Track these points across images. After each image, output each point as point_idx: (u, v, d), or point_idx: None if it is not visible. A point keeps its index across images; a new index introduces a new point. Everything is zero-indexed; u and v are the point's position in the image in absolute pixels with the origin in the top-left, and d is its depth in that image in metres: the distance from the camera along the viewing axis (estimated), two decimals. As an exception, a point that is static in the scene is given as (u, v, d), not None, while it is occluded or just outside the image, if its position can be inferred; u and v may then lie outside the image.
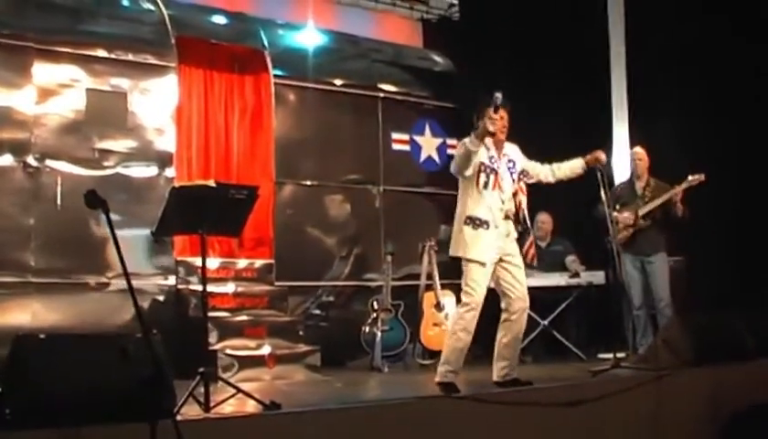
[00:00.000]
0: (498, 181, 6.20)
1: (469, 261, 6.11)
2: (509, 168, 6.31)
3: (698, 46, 9.09)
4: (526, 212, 6.51)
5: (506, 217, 6.22)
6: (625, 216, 8.24)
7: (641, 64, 9.55)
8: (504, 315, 6.24)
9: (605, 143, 9.35)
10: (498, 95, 6.05)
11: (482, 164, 6.15)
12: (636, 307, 8.21)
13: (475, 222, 6.13)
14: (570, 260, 9.26)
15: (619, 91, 9.73)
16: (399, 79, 10.23)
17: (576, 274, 9.01)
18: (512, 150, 6.42)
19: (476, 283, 6.07)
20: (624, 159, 9.44)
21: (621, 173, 9.03)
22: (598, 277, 8.83)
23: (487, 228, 6.11)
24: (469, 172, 6.12)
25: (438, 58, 10.82)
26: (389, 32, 10.92)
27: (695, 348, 6.70)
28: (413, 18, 11.27)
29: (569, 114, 10.12)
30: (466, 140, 6.03)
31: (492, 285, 6.25)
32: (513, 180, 6.33)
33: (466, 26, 10.77)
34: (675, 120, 9.19)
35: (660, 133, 9.07)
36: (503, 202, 6.19)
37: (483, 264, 6.08)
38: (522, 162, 6.47)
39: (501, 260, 6.17)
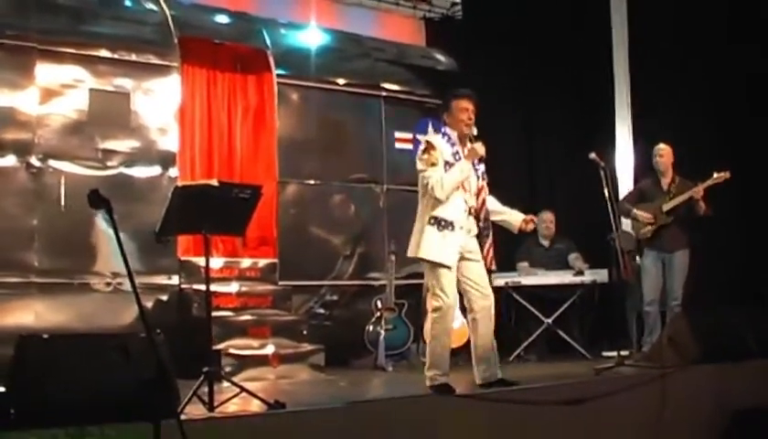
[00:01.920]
0: (463, 180, 6.08)
1: (435, 264, 6.00)
2: (474, 165, 6.15)
3: (701, 43, 9.09)
4: (495, 206, 6.33)
5: (469, 213, 6.10)
6: (646, 213, 8.22)
7: (643, 62, 9.55)
8: (470, 316, 6.14)
9: (608, 140, 9.37)
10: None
11: (446, 162, 6.03)
12: (647, 303, 8.17)
13: (441, 223, 6.01)
14: (574, 257, 9.25)
15: (621, 90, 9.73)
16: (401, 78, 10.22)
17: (580, 272, 9.01)
18: (478, 147, 6.16)
19: (446, 286, 5.97)
20: (626, 157, 9.45)
21: (623, 171, 9.03)
22: (602, 275, 8.82)
23: (452, 229, 6.00)
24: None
25: (441, 57, 10.80)
26: (391, 31, 10.91)
27: (700, 347, 6.69)
28: (416, 17, 11.26)
29: (571, 112, 10.14)
30: (462, 165, 5.97)
31: None
32: (477, 177, 6.17)
33: (469, 25, 10.77)
34: (677, 118, 9.19)
35: (662, 131, 9.06)
36: (466, 201, 6.08)
37: (449, 268, 5.99)
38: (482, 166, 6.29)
39: (462, 257, 6.06)
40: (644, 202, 8.28)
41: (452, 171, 5.99)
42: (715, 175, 7.98)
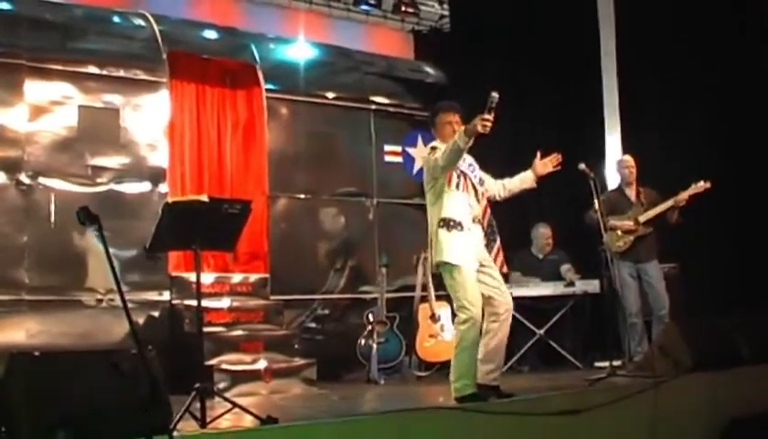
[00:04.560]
0: (467, 183, 6.13)
1: (451, 265, 5.97)
2: (472, 172, 6.23)
3: (691, 53, 9.12)
4: (504, 183, 6.35)
5: (474, 220, 6.11)
6: (625, 223, 8.24)
7: (633, 73, 9.56)
8: (491, 318, 6.06)
9: (597, 152, 9.39)
10: (495, 95, 5.94)
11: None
12: (633, 315, 8.19)
13: (449, 224, 6.02)
14: (566, 269, 9.25)
15: (610, 100, 9.75)
16: (390, 91, 10.25)
17: (571, 283, 9.01)
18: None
19: (470, 295, 5.92)
20: (615, 168, 9.46)
21: (613, 181, 9.03)
22: (593, 286, 8.83)
23: (461, 229, 6.01)
24: (441, 175, 6.06)
25: (429, 70, 10.83)
26: (380, 44, 10.93)
27: (691, 355, 6.70)
28: (404, 30, 11.29)
29: (560, 124, 10.13)
30: (455, 137, 5.89)
31: None
32: (476, 185, 6.22)
33: (457, 38, 10.79)
34: (666, 129, 9.21)
35: (652, 141, 9.09)
36: (471, 206, 6.10)
37: (467, 268, 5.96)
38: (478, 170, 6.34)
39: (481, 265, 6.07)
40: (614, 214, 8.27)
41: (450, 142, 5.95)
42: (694, 185, 8.00)
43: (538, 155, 6.40)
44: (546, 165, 6.44)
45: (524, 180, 6.47)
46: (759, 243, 8.73)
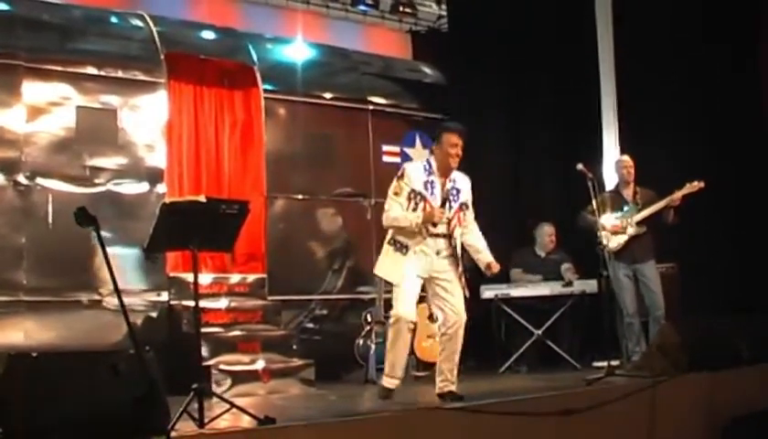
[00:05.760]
0: (426, 205, 6.26)
1: (390, 282, 6.37)
2: (452, 195, 6.33)
3: (688, 54, 9.12)
4: (458, 242, 6.41)
5: (435, 235, 6.26)
6: (615, 223, 8.24)
7: (630, 73, 9.57)
8: (441, 330, 6.34)
9: (595, 152, 9.39)
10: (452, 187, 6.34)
11: (412, 191, 6.28)
12: (630, 315, 8.19)
13: (396, 245, 6.32)
14: (565, 268, 9.25)
15: (608, 101, 9.74)
16: (388, 91, 10.25)
17: (569, 283, 9.01)
18: (462, 180, 6.44)
19: (399, 299, 6.25)
20: (613, 168, 9.45)
21: (611, 181, 9.03)
22: (591, 286, 8.83)
23: (405, 253, 6.27)
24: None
25: (427, 70, 10.83)
26: (378, 45, 10.93)
27: (689, 355, 6.70)
28: (402, 30, 11.29)
29: (558, 124, 10.15)
30: (414, 220, 6.17)
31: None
32: (451, 207, 6.31)
33: (455, 38, 10.79)
34: (664, 130, 9.21)
35: (649, 142, 9.09)
36: (428, 228, 6.24)
37: (404, 285, 6.23)
38: (467, 197, 6.46)
39: (431, 277, 6.28)
40: (607, 214, 8.26)
41: (404, 216, 6.25)
42: (688, 184, 8.00)
43: (492, 265, 6.50)
44: (491, 268, 6.52)
45: (481, 259, 6.55)
46: (757, 243, 8.75)
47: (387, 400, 6.28)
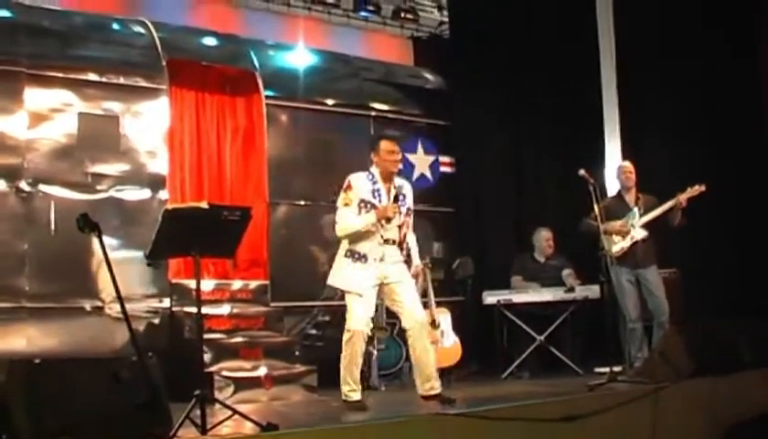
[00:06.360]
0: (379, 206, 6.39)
1: (346, 292, 6.43)
2: (400, 200, 6.47)
3: (690, 58, 9.12)
4: (411, 247, 6.66)
5: (386, 242, 6.41)
6: (619, 227, 8.22)
7: (632, 78, 9.56)
8: (407, 334, 6.50)
9: (597, 158, 9.38)
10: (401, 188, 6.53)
11: (362, 200, 6.40)
12: (633, 320, 8.17)
13: (354, 256, 6.42)
14: (566, 274, 9.24)
15: (610, 106, 9.74)
16: (390, 97, 10.26)
17: (571, 289, 9.01)
18: (406, 186, 6.62)
19: (353, 311, 6.38)
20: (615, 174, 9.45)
21: (613, 187, 9.03)
22: (593, 291, 8.82)
23: (365, 261, 6.38)
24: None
25: (429, 76, 10.85)
26: (379, 51, 10.95)
27: (692, 360, 6.68)
28: (404, 36, 11.31)
29: (560, 130, 10.15)
30: (369, 220, 6.31)
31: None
32: (400, 213, 6.45)
33: (456, 44, 10.80)
34: (666, 134, 9.21)
35: (650, 143, 9.09)
36: (382, 235, 6.40)
37: (359, 295, 6.36)
38: (411, 203, 6.64)
39: (383, 283, 6.42)
40: (612, 220, 8.25)
41: (358, 219, 6.37)
42: (690, 188, 7.99)
43: (425, 269, 7.08)
44: (419, 274, 6.86)
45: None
46: (759, 247, 8.72)
47: (363, 411, 6.30)
